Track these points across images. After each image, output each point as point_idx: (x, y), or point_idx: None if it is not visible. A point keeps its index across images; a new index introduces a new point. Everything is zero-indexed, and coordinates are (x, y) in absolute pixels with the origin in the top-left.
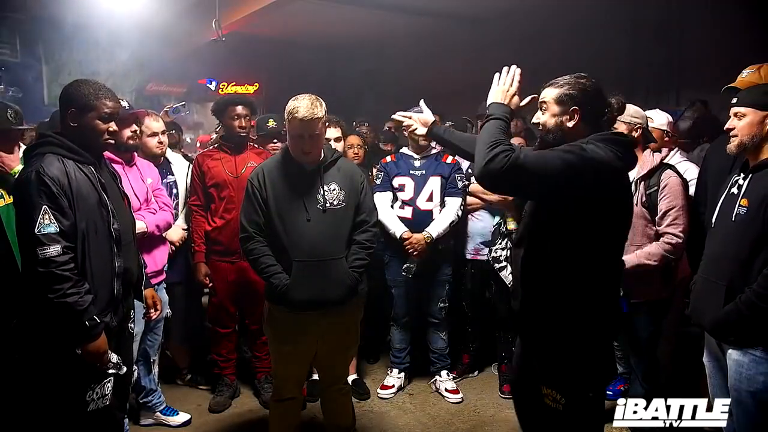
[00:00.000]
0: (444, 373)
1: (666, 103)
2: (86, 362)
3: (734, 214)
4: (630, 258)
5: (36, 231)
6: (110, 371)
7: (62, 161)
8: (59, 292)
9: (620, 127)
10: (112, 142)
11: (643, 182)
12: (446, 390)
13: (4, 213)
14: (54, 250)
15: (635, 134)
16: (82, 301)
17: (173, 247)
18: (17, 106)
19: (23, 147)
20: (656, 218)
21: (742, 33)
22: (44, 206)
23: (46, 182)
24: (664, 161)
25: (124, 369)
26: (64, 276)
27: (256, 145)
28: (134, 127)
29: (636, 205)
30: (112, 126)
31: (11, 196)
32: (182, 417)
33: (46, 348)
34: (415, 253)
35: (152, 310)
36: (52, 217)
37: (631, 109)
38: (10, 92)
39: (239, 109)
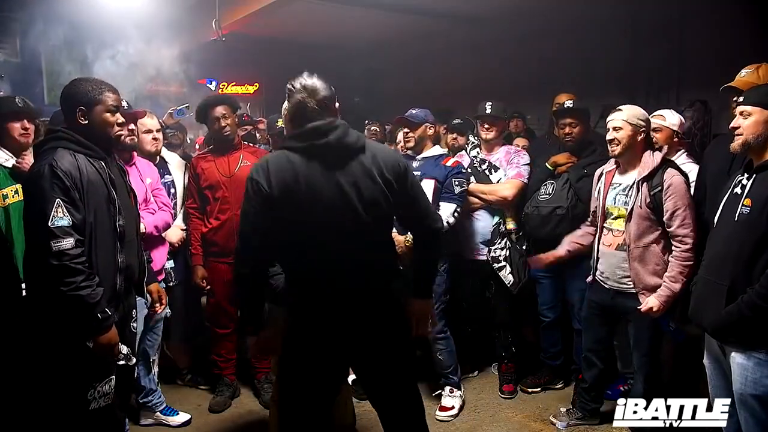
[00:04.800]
0: (447, 388)
1: (666, 103)
2: (91, 358)
3: (737, 214)
4: (663, 293)
5: (50, 224)
6: (121, 362)
7: (74, 155)
8: (72, 285)
9: (626, 128)
10: (123, 133)
11: (645, 183)
12: (440, 406)
13: (17, 210)
14: (67, 243)
15: (638, 138)
16: (94, 293)
17: (172, 247)
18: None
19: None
20: (664, 219)
21: (743, 33)
22: (58, 199)
23: (59, 176)
24: (673, 165)
25: (134, 360)
26: (78, 269)
27: (250, 144)
28: (131, 126)
29: (639, 206)
30: (120, 117)
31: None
32: (182, 417)
33: (48, 346)
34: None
35: (158, 304)
36: (65, 210)
37: (638, 111)
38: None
39: (218, 110)
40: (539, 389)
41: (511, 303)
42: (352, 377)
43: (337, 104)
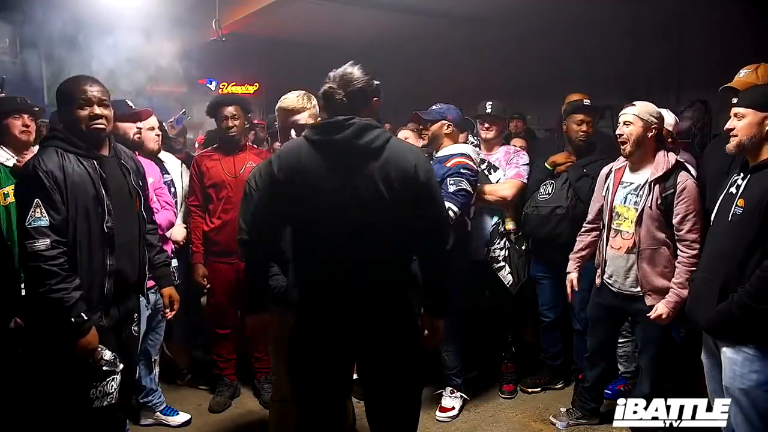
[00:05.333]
0: (447, 389)
1: (666, 103)
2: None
3: (731, 214)
4: (671, 299)
5: (26, 224)
6: (105, 368)
7: (62, 155)
8: (45, 288)
9: (637, 123)
10: (101, 126)
11: (658, 185)
12: (440, 406)
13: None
14: (42, 243)
15: (649, 135)
16: (68, 297)
17: (177, 246)
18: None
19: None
20: (674, 222)
21: (743, 32)
22: (36, 199)
23: (40, 175)
24: (687, 169)
25: (120, 366)
26: (52, 271)
27: (255, 145)
28: (139, 124)
29: (650, 207)
30: (95, 110)
31: None
32: (182, 417)
33: (49, 343)
34: None
35: (168, 310)
36: (43, 210)
37: (650, 108)
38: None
39: (228, 109)
40: (539, 389)
41: (510, 303)
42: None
43: (375, 99)
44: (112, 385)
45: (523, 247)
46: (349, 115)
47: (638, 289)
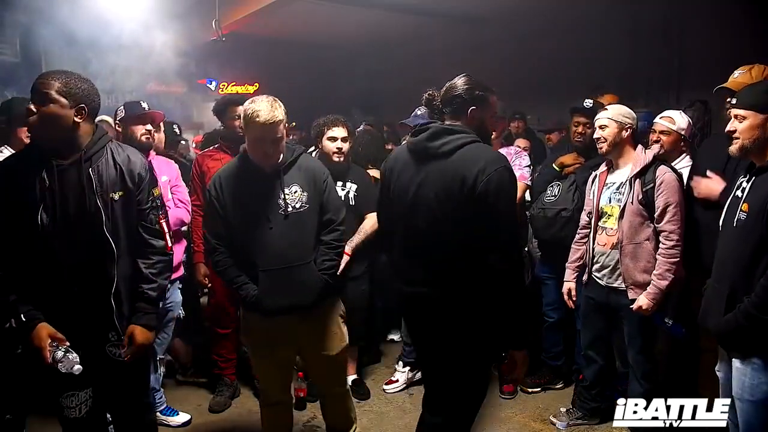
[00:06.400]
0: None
1: (666, 103)
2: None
3: (736, 219)
4: (651, 291)
5: None
6: (59, 367)
7: (13, 160)
8: None
9: (611, 125)
10: (29, 119)
11: (638, 180)
12: None
13: None
14: None
15: (624, 135)
16: None
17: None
18: None
19: None
20: (654, 215)
21: (743, 33)
22: None
23: None
24: (666, 163)
25: (77, 368)
26: None
27: None
28: (149, 126)
29: (632, 203)
30: (29, 107)
31: None
32: (182, 417)
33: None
34: None
35: (125, 348)
36: None
37: (623, 110)
38: None
39: (240, 109)
40: (539, 389)
41: None
42: (352, 377)
43: (473, 108)
44: (72, 401)
45: (526, 249)
46: (430, 121)
47: (622, 283)
